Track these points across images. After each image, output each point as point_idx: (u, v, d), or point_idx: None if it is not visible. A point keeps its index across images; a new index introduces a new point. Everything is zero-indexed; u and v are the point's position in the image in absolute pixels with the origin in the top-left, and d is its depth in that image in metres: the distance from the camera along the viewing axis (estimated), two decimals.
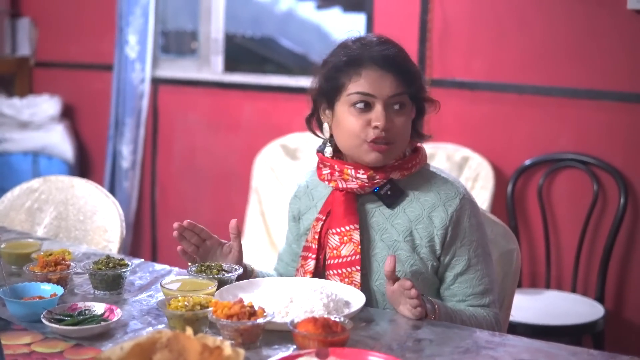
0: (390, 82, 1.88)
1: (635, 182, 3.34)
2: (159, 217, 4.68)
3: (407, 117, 1.92)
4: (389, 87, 1.88)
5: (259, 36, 5.00)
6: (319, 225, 1.98)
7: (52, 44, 5.01)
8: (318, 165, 2.02)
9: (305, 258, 2.00)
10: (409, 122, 1.93)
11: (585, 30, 3.39)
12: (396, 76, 1.89)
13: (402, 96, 1.90)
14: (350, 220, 1.94)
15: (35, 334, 1.67)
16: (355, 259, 1.92)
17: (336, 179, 1.96)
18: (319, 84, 1.98)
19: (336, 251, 1.94)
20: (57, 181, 2.79)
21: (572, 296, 3.38)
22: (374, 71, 1.89)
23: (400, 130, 1.90)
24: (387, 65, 1.89)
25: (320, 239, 1.98)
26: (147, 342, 1.37)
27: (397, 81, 1.89)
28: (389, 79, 1.89)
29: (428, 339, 1.69)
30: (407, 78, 1.90)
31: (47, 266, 1.94)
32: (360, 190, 1.95)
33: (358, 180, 1.93)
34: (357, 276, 1.91)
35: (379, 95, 1.88)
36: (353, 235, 1.93)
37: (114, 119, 4.63)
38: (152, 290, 1.99)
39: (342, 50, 1.94)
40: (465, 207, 1.93)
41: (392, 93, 1.89)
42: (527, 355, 1.61)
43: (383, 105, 1.88)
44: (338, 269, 1.93)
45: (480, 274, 1.93)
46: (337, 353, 1.50)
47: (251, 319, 1.60)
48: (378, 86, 1.88)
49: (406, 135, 1.93)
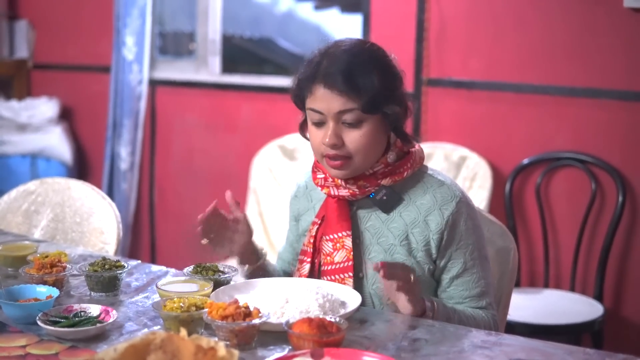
0: (337, 99, 1.85)
1: (633, 180, 3.34)
2: (158, 219, 4.68)
3: (365, 131, 1.87)
4: (336, 104, 1.85)
5: (258, 37, 5.00)
6: (315, 230, 1.99)
7: (49, 46, 5.02)
8: (313, 169, 2.03)
9: (302, 261, 2.01)
10: (369, 135, 1.87)
11: (582, 28, 3.39)
12: (341, 93, 1.84)
13: (352, 112, 1.85)
14: (342, 227, 1.94)
15: (30, 336, 1.67)
16: (348, 266, 1.92)
17: (329, 185, 1.96)
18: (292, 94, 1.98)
19: (330, 257, 1.95)
20: (54, 183, 2.79)
21: (570, 295, 3.38)
22: (322, 89, 1.86)
23: (355, 145, 1.87)
24: (331, 83, 1.85)
25: (316, 243, 1.98)
26: (141, 344, 1.37)
27: (344, 97, 1.84)
28: (334, 96, 1.85)
29: (424, 338, 1.68)
30: (356, 92, 1.84)
31: (43, 268, 1.94)
32: (352, 198, 1.95)
33: (349, 189, 1.93)
34: (350, 282, 1.91)
35: (327, 112, 1.87)
36: (345, 242, 1.93)
37: (111, 120, 4.63)
38: (149, 292, 1.99)
39: (306, 63, 1.93)
40: (462, 210, 1.92)
41: (338, 109, 1.86)
42: (523, 355, 1.60)
43: (334, 122, 1.87)
44: (332, 275, 1.94)
45: (476, 276, 1.93)
46: (332, 353, 1.50)
47: (246, 320, 1.60)
48: (326, 104, 1.86)
49: (367, 149, 1.88)
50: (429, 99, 3.70)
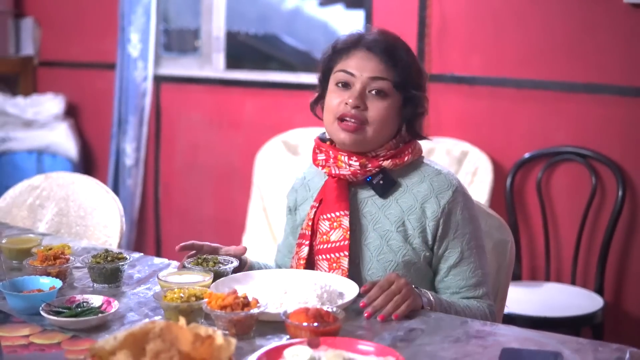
0: (374, 65, 1.93)
1: (633, 174, 3.36)
2: (163, 214, 4.72)
3: (388, 105, 1.94)
4: (371, 69, 1.93)
5: (262, 34, 5.02)
6: (313, 212, 2.01)
7: (55, 44, 5.05)
8: (314, 150, 2.05)
9: (300, 245, 2.02)
10: (389, 110, 1.94)
11: (582, 24, 3.41)
12: (381, 60, 1.93)
13: (383, 81, 1.93)
14: (340, 207, 1.96)
15: (33, 326, 1.71)
16: (344, 245, 1.94)
17: (330, 165, 1.99)
18: (321, 65, 2.04)
19: (325, 236, 1.97)
20: (58, 178, 2.82)
21: (571, 288, 3.40)
22: (362, 52, 1.95)
23: (375, 113, 1.92)
24: (374, 48, 1.94)
25: (314, 226, 2.00)
26: (140, 332, 1.39)
27: (382, 65, 1.93)
28: (373, 61, 1.93)
29: (419, 328, 1.71)
30: (394, 65, 1.93)
31: (46, 260, 1.97)
32: (353, 178, 1.97)
33: (351, 167, 1.95)
34: (345, 262, 1.93)
35: (359, 75, 1.93)
36: (342, 221, 1.95)
37: (117, 117, 4.66)
38: (150, 283, 2.02)
39: (346, 35, 2.01)
40: (458, 199, 1.95)
41: (372, 75, 1.93)
42: (516, 344, 1.63)
43: (361, 86, 1.93)
44: (326, 254, 1.96)
45: (473, 266, 1.95)
46: (329, 342, 1.52)
47: (244, 310, 1.63)
48: (361, 66, 1.93)
49: (383, 123, 1.94)
50: (431, 94, 3.64)
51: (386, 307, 1.75)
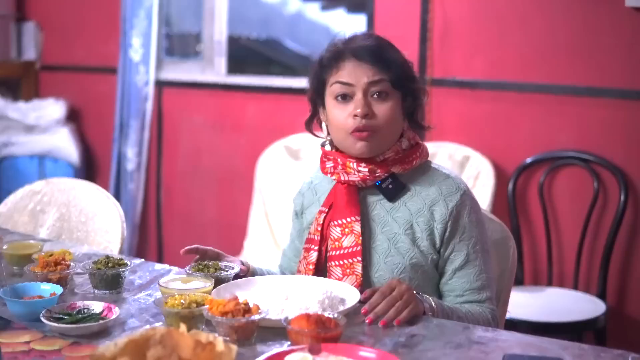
0: (368, 70, 1.94)
1: (636, 178, 3.35)
2: (165, 219, 4.71)
3: (391, 104, 1.95)
4: (366, 74, 1.94)
5: (264, 38, 5.02)
6: (322, 218, 2.01)
7: (57, 48, 5.06)
8: (321, 159, 2.06)
9: (308, 250, 2.03)
10: (394, 109, 1.96)
11: (584, 28, 3.40)
12: (373, 64, 1.94)
13: (381, 83, 1.94)
14: (351, 212, 1.97)
15: (34, 333, 1.70)
16: (357, 250, 1.94)
17: (339, 172, 2.00)
18: (310, 83, 2.05)
19: (338, 242, 1.97)
20: (60, 183, 2.82)
21: (573, 293, 3.40)
22: (352, 62, 1.95)
23: (383, 118, 1.94)
24: (363, 55, 1.95)
25: (323, 231, 2.00)
26: (141, 339, 1.39)
27: (375, 69, 1.94)
28: (366, 67, 1.94)
29: (421, 334, 1.70)
30: (385, 65, 1.94)
31: (47, 266, 1.97)
32: (362, 183, 1.98)
33: (360, 173, 1.96)
34: (359, 267, 1.93)
35: (357, 83, 1.94)
36: (354, 226, 1.96)
37: (118, 121, 4.66)
38: (151, 289, 2.02)
39: (327, 48, 2.02)
40: (466, 202, 1.96)
41: (369, 80, 1.94)
42: (518, 350, 1.62)
43: (362, 94, 1.94)
44: (340, 260, 1.96)
45: (478, 269, 1.95)
46: (330, 349, 1.52)
47: (245, 316, 1.63)
48: (355, 75, 1.94)
49: (392, 123, 1.96)
50: (433, 98, 3.71)
51: (388, 312, 1.75)
